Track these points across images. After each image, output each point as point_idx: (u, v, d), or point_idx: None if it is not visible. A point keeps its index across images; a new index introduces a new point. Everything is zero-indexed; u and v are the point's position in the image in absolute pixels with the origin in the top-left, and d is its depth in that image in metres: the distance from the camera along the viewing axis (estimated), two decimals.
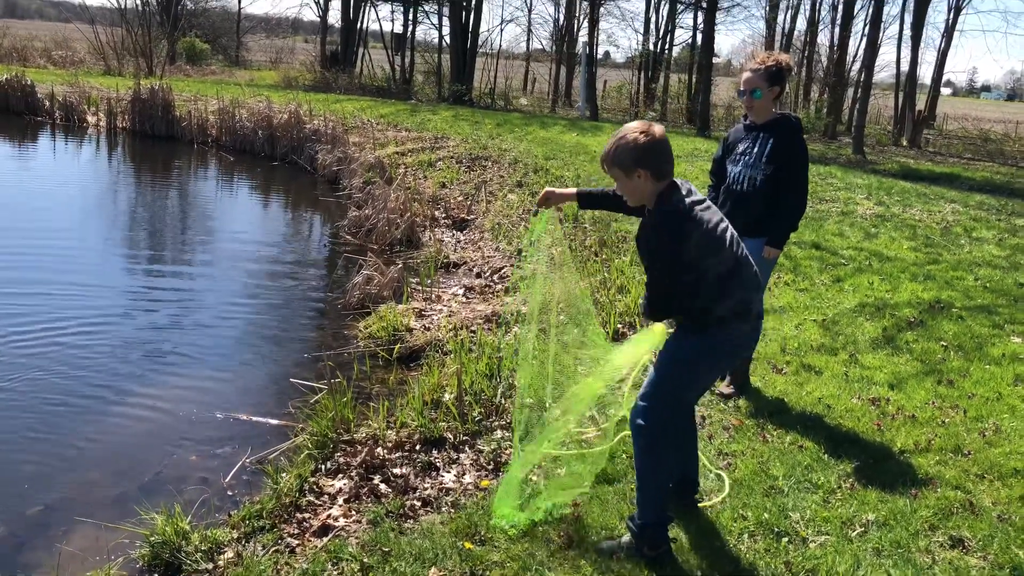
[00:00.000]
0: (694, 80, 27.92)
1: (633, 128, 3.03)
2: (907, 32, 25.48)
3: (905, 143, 23.31)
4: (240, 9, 45.62)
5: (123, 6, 30.69)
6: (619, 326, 6.12)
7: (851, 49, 27.57)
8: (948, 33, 27.53)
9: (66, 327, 6.37)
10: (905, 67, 25.97)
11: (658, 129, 3.04)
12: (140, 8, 31.09)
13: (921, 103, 26.72)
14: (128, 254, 9.17)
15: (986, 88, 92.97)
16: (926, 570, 3.31)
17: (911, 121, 23.91)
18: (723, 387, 4.98)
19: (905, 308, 6.86)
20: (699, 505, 3.71)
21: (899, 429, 4.60)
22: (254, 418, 5.03)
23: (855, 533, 3.56)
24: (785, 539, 3.49)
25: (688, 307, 3.14)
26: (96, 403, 5.20)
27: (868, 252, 8.82)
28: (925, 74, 30.33)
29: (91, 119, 18.33)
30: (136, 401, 5.27)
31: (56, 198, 11.46)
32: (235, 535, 3.64)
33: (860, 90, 20.78)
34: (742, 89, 4.64)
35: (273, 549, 3.50)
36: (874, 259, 8.53)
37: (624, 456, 4.13)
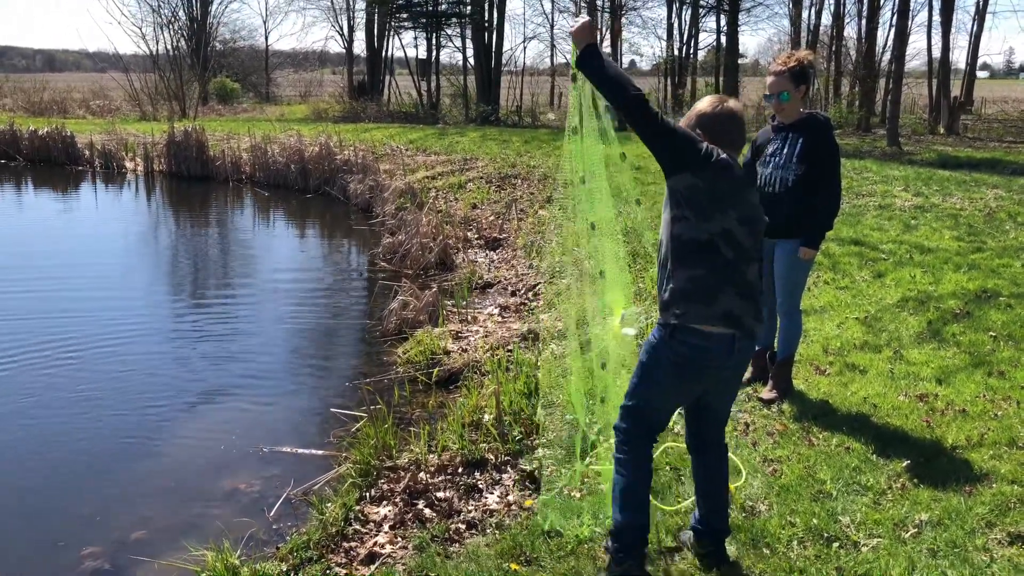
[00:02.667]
0: (721, 83, 27.77)
1: (704, 100, 3.12)
2: (936, 18, 25.11)
3: (942, 131, 22.86)
4: (268, 46, 46.63)
5: (155, 52, 31.45)
6: None
7: (880, 40, 27.19)
8: (980, 15, 26.99)
9: (109, 361, 6.55)
10: (937, 54, 25.54)
11: (731, 104, 3.07)
12: (171, 53, 31.90)
13: (957, 89, 26.21)
14: (169, 289, 9.38)
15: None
16: (984, 569, 3.22)
17: (947, 108, 23.45)
18: (765, 392, 4.91)
19: (950, 300, 6.71)
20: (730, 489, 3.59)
21: (949, 425, 4.49)
22: (297, 449, 5.08)
23: (908, 534, 3.47)
24: (836, 544, 3.41)
25: (661, 276, 3.07)
26: (140, 438, 5.31)
27: (909, 245, 8.65)
28: (959, 59, 29.60)
29: (129, 165, 18.80)
30: (179, 435, 5.38)
31: (99, 239, 11.77)
32: (284, 567, 3.67)
33: (891, 81, 20.44)
34: (768, 93, 4.61)
35: None
36: (915, 251, 8.36)
37: (667, 468, 4.08)
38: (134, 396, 5.93)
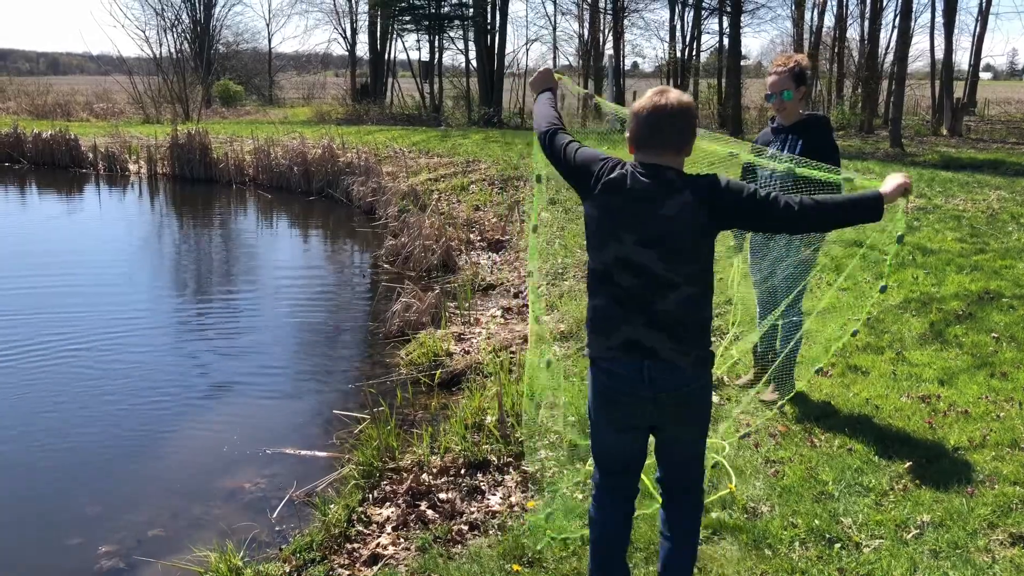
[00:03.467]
0: (724, 84, 27.74)
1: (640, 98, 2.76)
2: (939, 19, 25.10)
3: (945, 132, 22.85)
4: (271, 49, 46.65)
5: (158, 55, 31.54)
6: None
7: (882, 41, 27.21)
8: (983, 16, 27.04)
9: (112, 362, 6.58)
10: (940, 55, 25.53)
11: (661, 98, 2.65)
12: (174, 56, 31.98)
13: (959, 90, 26.19)
14: (173, 291, 9.40)
15: None
16: (986, 570, 3.22)
17: (950, 109, 23.45)
18: (767, 394, 4.92)
19: (952, 301, 6.71)
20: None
21: (952, 426, 4.49)
22: (300, 451, 5.09)
23: (910, 535, 3.48)
24: (838, 545, 3.42)
25: None
26: (143, 440, 5.33)
27: (911, 246, 8.65)
28: (962, 60, 29.66)
29: (133, 167, 18.84)
30: (182, 436, 5.40)
31: (102, 241, 11.81)
32: (287, 569, 3.68)
33: (894, 82, 20.44)
34: (770, 92, 4.62)
35: None
36: (918, 253, 8.36)
37: None
38: (137, 397, 5.96)
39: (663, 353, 2.64)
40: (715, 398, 4.81)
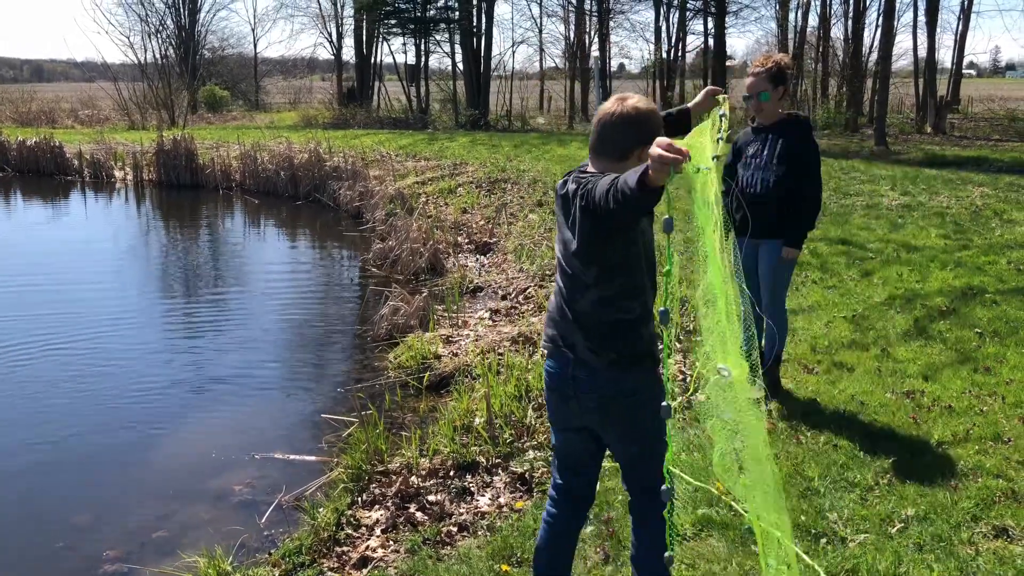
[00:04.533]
0: (710, 84, 27.83)
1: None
2: (922, 18, 25.23)
3: (929, 130, 22.98)
4: (256, 54, 46.53)
5: (143, 61, 31.42)
6: None
7: (866, 40, 27.30)
8: (965, 15, 27.23)
9: (98, 369, 6.57)
10: (923, 53, 25.66)
11: (612, 105, 2.63)
12: (160, 62, 31.87)
13: (943, 88, 26.36)
14: (160, 296, 9.37)
15: (1011, 67, 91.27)
16: (970, 562, 3.26)
17: (933, 107, 23.58)
18: (751, 391, 4.94)
19: (936, 297, 6.76)
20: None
21: (936, 421, 4.53)
22: (289, 455, 5.09)
23: (895, 529, 3.51)
24: (823, 540, 3.45)
25: None
26: (130, 446, 5.34)
27: (896, 243, 8.71)
28: (945, 58, 29.80)
29: (118, 174, 18.76)
30: (170, 442, 5.41)
31: (90, 248, 11.75)
32: (276, 573, 3.69)
33: (878, 81, 20.57)
34: (747, 94, 4.66)
35: None
36: (902, 250, 8.42)
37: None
38: (125, 401, 5.96)
39: (581, 352, 2.68)
40: (701, 396, 4.82)
